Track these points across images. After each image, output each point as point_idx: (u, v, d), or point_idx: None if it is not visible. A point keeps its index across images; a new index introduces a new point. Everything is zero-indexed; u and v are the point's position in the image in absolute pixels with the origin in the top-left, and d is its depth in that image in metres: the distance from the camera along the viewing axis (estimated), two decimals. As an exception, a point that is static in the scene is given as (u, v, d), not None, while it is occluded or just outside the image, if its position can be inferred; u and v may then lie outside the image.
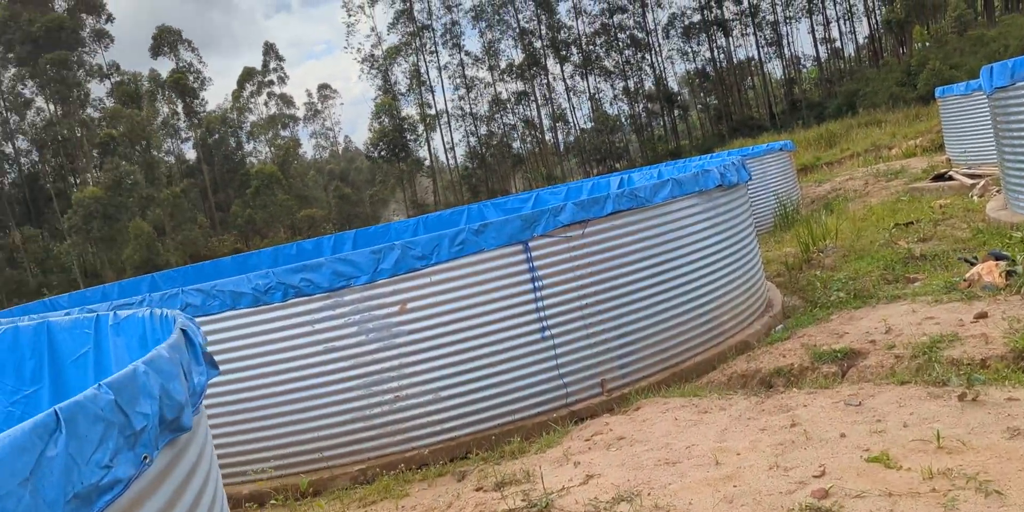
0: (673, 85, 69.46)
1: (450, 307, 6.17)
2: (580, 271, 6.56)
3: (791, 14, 63.23)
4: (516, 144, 67.02)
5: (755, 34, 64.18)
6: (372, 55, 61.31)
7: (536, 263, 6.39)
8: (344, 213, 58.81)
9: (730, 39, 64.80)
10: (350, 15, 62.09)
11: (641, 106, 67.68)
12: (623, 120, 67.09)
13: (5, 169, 62.54)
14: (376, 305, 6.08)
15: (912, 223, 10.91)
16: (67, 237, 50.41)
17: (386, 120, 57.73)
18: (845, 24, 71.80)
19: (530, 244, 6.39)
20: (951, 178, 14.02)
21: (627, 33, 65.18)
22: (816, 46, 64.58)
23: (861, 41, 66.49)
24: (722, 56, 66.16)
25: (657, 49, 66.04)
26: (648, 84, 66.84)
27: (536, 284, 6.37)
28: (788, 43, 67.93)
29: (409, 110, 61.51)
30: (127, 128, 52.11)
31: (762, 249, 12.83)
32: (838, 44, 65.89)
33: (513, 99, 65.06)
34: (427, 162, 64.33)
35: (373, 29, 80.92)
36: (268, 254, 12.56)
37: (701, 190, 7.42)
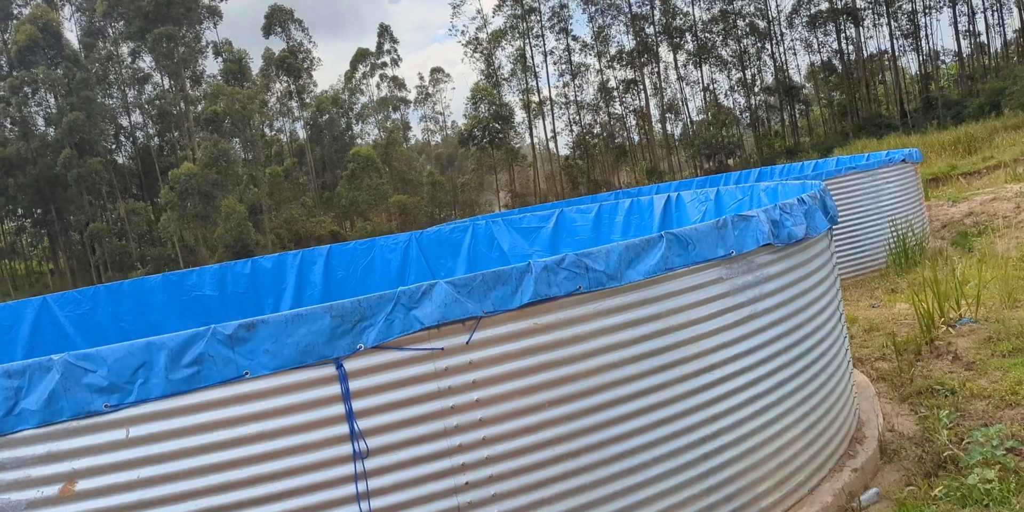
0: (796, 78, 63.77)
1: (165, 492, 3.03)
2: (456, 418, 3.30)
3: (931, 3, 56.59)
4: (623, 135, 63.02)
5: (889, 24, 57.84)
6: (477, 38, 58.46)
7: (359, 404, 3.18)
8: (437, 200, 56.40)
9: (860, 29, 58.67)
10: (457, -4, 58.93)
11: (758, 99, 62.43)
12: (738, 113, 62.02)
13: (122, 142, 63.16)
14: (7, 483, 2.99)
15: (1100, 290, 7.02)
16: (163, 212, 49.88)
17: (483, 107, 54.80)
18: (993, 15, 64.08)
19: (346, 365, 3.19)
20: None
21: (747, 21, 59.97)
22: (958, 39, 57.65)
23: (1010, 35, 59.12)
24: (851, 48, 60.08)
25: (779, 39, 60.57)
26: (767, 76, 61.50)
27: (358, 446, 3.16)
28: (926, 35, 61.14)
29: (511, 96, 58.45)
30: (227, 106, 51.03)
31: (865, 303, 9.08)
32: (983, 38, 58.75)
33: (621, 88, 61.03)
34: (527, 151, 61.25)
35: (479, 11, 77.89)
36: (214, 273, 9.70)
37: (728, 255, 3.99)
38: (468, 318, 3.29)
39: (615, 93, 60.96)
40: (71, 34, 58.20)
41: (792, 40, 62.52)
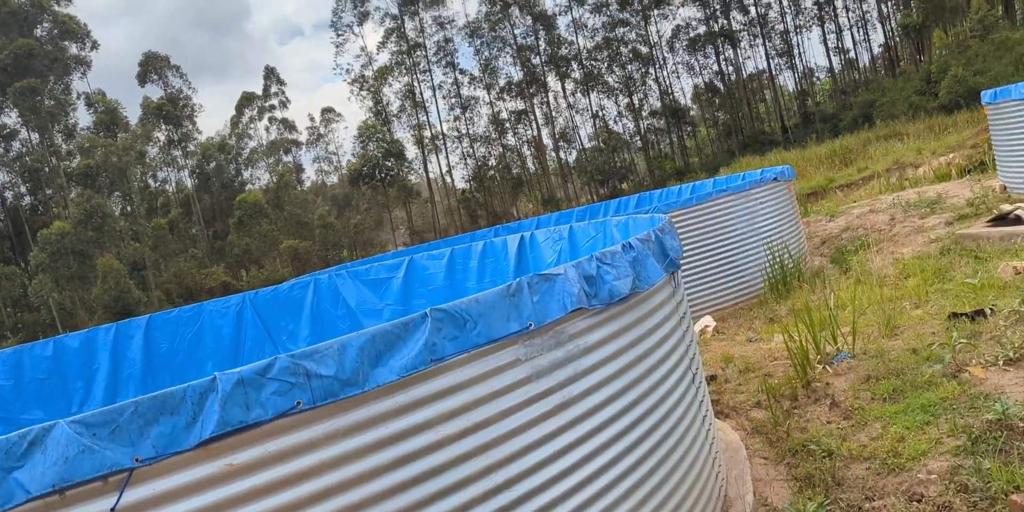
0: (681, 100, 64.96)
1: None
2: None
3: (801, 23, 58.64)
4: (519, 165, 62.78)
5: (764, 45, 59.64)
6: (363, 76, 57.46)
7: None
8: (330, 242, 54.71)
9: (738, 51, 60.31)
10: (338, 34, 57.95)
11: (647, 123, 63.28)
12: (628, 138, 62.65)
13: (-10, 203, 59.27)
14: None
15: (982, 313, 6.40)
16: (34, 276, 46.70)
17: (371, 145, 53.72)
18: (859, 32, 66.96)
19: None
20: (1020, 220, 9.48)
21: (630, 47, 60.89)
22: (829, 56, 59.94)
23: (876, 50, 61.80)
24: (731, 69, 61.67)
25: (662, 63, 61.68)
26: (654, 100, 62.43)
27: None
28: (799, 53, 63.39)
29: (403, 133, 57.54)
30: (102, 158, 48.44)
31: (743, 337, 8.36)
32: (852, 54, 61.19)
33: (513, 119, 60.90)
34: (422, 187, 60.36)
35: (363, 49, 76.93)
36: (6, 359, 8.30)
37: (526, 329, 3.07)
38: (112, 472, 2.23)
39: (507, 124, 60.79)
40: (-75, 92, 54.42)
41: (675, 64, 63.66)
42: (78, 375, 8.78)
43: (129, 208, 53.76)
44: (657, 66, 61.24)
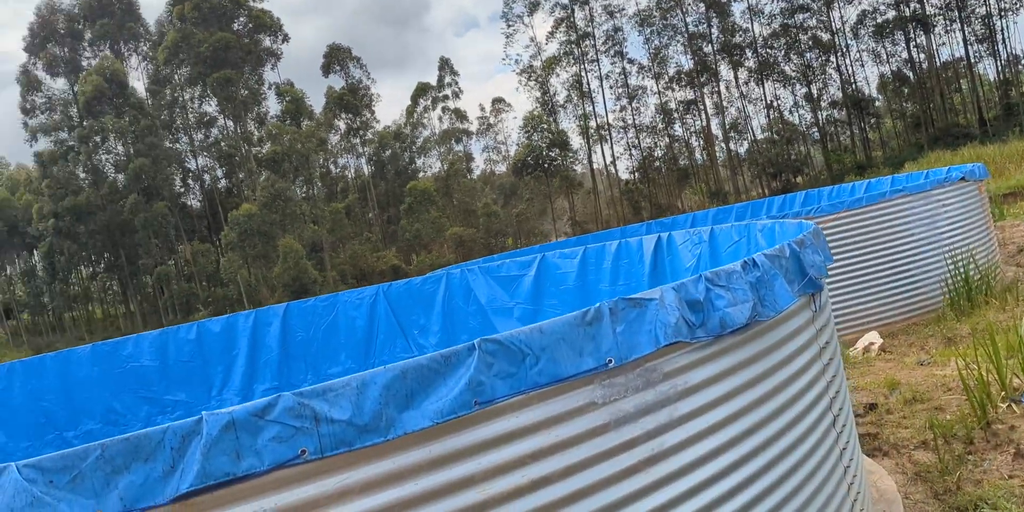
0: (865, 90, 60.74)
1: None
2: None
3: (1007, 5, 53.19)
4: (686, 156, 60.97)
5: (962, 30, 54.60)
6: (531, 66, 57.49)
7: None
8: (493, 231, 55.24)
9: (931, 37, 55.55)
10: (509, 25, 58.21)
11: (826, 114, 59.66)
12: (804, 129, 59.34)
13: (190, 185, 64.14)
14: None
15: None
16: (224, 254, 50.05)
17: (536, 135, 53.66)
18: (1077, 14, 60.01)
19: None
20: None
21: (809, 34, 57.47)
22: (1039, 41, 53.97)
23: (1097, 33, 55.15)
24: (922, 56, 56.95)
25: (844, 50, 57.85)
26: (834, 89, 58.73)
27: None
28: (1003, 39, 57.52)
29: (568, 123, 57.16)
30: (288, 145, 51.15)
31: (913, 359, 7.30)
32: (1067, 37, 54.90)
33: (681, 109, 59.12)
34: (585, 178, 59.84)
35: (532, 39, 76.98)
36: (153, 341, 8.53)
37: (604, 366, 2.49)
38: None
39: (675, 114, 59.10)
40: (139, 83, 59.44)
41: (859, 51, 59.49)
42: (219, 360, 8.90)
43: (310, 192, 56.55)
44: (839, 54, 57.51)
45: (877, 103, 61.15)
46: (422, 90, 75.55)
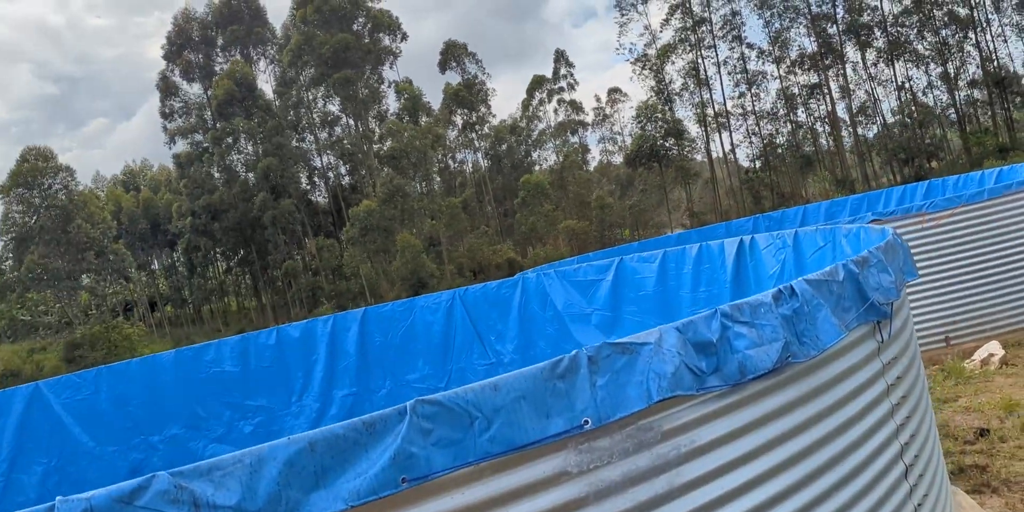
0: (1009, 67, 56.27)
1: None
2: None
3: None
4: (810, 143, 58.27)
5: (1121, -4, 49.69)
6: (645, 55, 56.21)
7: None
8: (607, 223, 54.43)
9: (1085, 6, 50.83)
10: (623, 14, 57.06)
11: (963, 94, 55.68)
12: (939, 111, 55.58)
13: (316, 182, 66.34)
14: None
15: None
16: (346, 248, 51.46)
17: (648, 125, 52.43)
18: None
19: None
20: None
21: (945, 10, 53.69)
22: None
23: None
24: (1074, 27, 52.22)
25: (984, 26, 53.75)
26: (972, 68, 54.71)
27: None
28: None
29: (684, 111, 55.60)
30: (407, 142, 52.04)
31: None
32: None
33: (804, 93, 56.46)
34: (702, 167, 58.15)
35: (647, 27, 75.33)
36: (234, 346, 8.57)
37: (579, 427, 2.05)
38: None
39: (797, 100, 56.52)
40: (266, 85, 61.79)
41: (1001, 26, 55.16)
42: (298, 365, 8.87)
43: (428, 187, 57.38)
44: (978, 29, 53.48)
45: (1023, 81, 56.56)
46: (537, 83, 75.30)
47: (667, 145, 52.67)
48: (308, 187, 63.63)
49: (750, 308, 2.42)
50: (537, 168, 72.17)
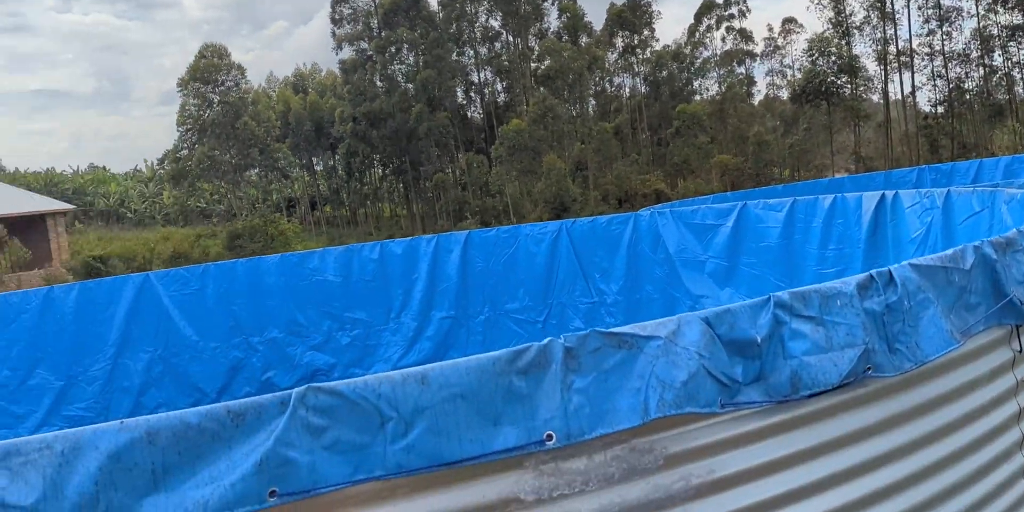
0: None
1: None
2: None
3: None
4: (1002, 90, 52.57)
5: None
6: (826, -18, 51.68)
7: None
8: (763, 161, 51.61)
9: None
10: (807, -63, 52.42)
11: None
12: None
13: (472, 97, 66.32)
14: None
15: None
16: (493, 166, 51.50)
17: (820, 59, 48.58)
18: None
19: None
20: None
21: None
22: None
23: None
24: None
25: None
26: None
27: None
28: None
29: (863, 47, 51.16)
30: (563, 62, 50.80)
31: None
32: None
33: (1004, 35, 50.55)
34: (876, 108, 53.78)
35: (831, -49, 69.26)
36: (338, 257, 8.43)
37: (499, 454, 1.47)
38: None
39: (996, 41, 50.73)
40: (433, -3, 61.45)
41: None
42: (398, 282, 8.65)
43: (582, 110, 56.18)
44: None
45: None
46: (707, 8, 71.19)
47: (839, 82, 48.81)
48: (464, 102, 63.70)
49: (820, 298, 1.75)
50: (697, 98, 68.99)
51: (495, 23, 59.83)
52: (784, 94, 73.63)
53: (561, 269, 8.13)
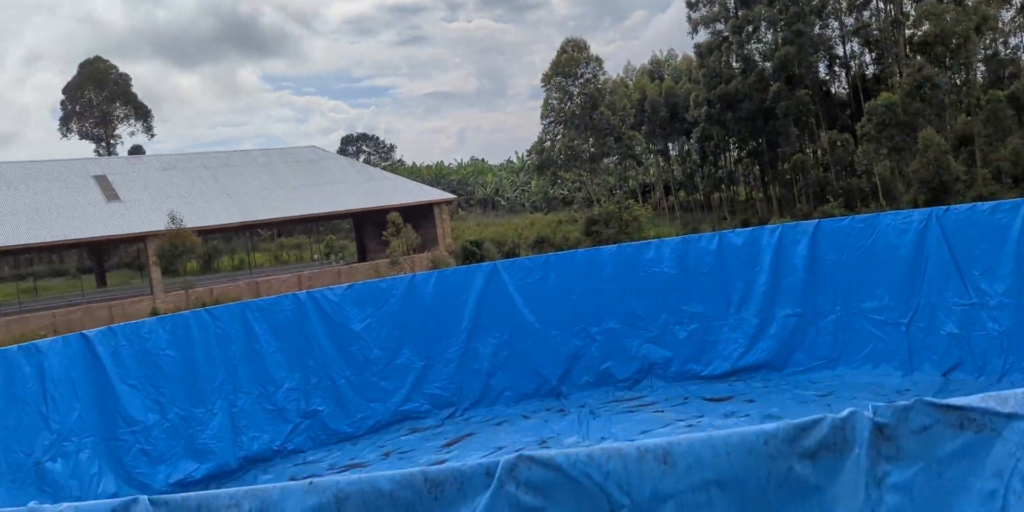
0: None
1: None
2: None
3: None
4: None
5: None
6: None
7: None
8: None
9: None
10: None
11: None
12: None
13: (836, 72, 61.59)
14: None
15: None
16: (860, 144, 47.27)
17: None
18: None
19: None
20: None
21: None
22: None
23: None
24: None
25: None
26: None
27: None
28: None
29: None
30: (943, 27, 44.95)
31: None
32: None
33: None
34: None
35: None
36: (674, 248, 8.17)
37: None
38: None
39: None
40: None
41: None
42: (739, 275, 8.16)
43: (968, 77, 49.36)
44: None
45: None
46: None
47: None
48: (827, 77, 59.33)
49: None
50: None
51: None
52: None
53: (930, 264, 6.96)
